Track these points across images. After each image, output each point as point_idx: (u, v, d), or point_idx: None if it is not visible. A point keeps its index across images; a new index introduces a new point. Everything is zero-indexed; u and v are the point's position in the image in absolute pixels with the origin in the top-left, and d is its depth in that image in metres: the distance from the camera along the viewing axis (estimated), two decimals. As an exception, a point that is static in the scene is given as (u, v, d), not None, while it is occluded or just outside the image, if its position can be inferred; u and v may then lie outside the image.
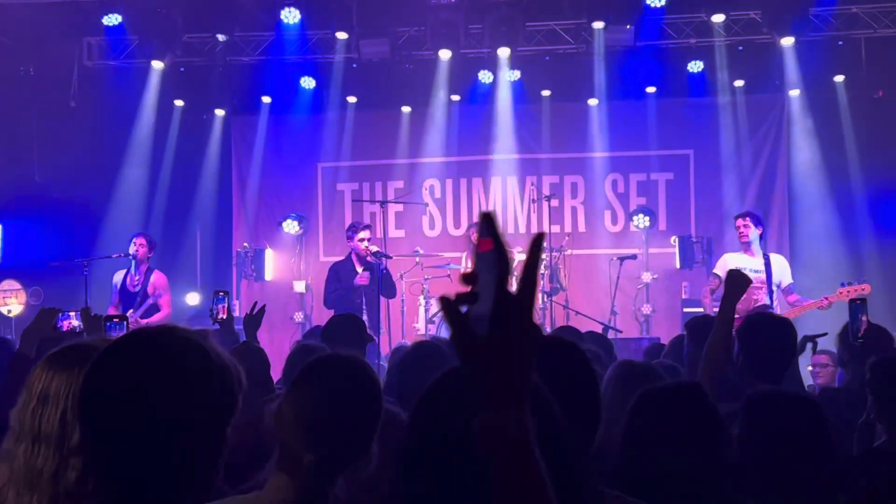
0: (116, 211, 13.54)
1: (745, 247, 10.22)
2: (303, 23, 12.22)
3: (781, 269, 10.22)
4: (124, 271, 11.06)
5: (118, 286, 11.00)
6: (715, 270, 10.39)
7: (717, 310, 5.12)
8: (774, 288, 10.08)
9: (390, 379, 5.33)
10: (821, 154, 13.32)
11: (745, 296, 9.81)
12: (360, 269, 10.97)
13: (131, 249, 10.95)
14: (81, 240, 12.90)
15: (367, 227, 11.28)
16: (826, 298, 9.77)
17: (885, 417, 4.31)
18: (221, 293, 6.97)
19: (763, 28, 12.56)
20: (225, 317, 6.77)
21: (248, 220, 14.30)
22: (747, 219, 10.25)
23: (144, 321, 10.40)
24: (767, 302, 9.91)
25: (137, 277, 10.94)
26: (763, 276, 9.93)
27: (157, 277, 11.03)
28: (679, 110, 13.84)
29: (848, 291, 9.59)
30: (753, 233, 10.17)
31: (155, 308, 10.87)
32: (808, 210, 13.37)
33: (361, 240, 10.96)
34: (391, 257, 11.29)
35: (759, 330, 5.01)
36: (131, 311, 10.51)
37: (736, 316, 4.85)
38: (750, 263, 9.88)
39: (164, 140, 13.85)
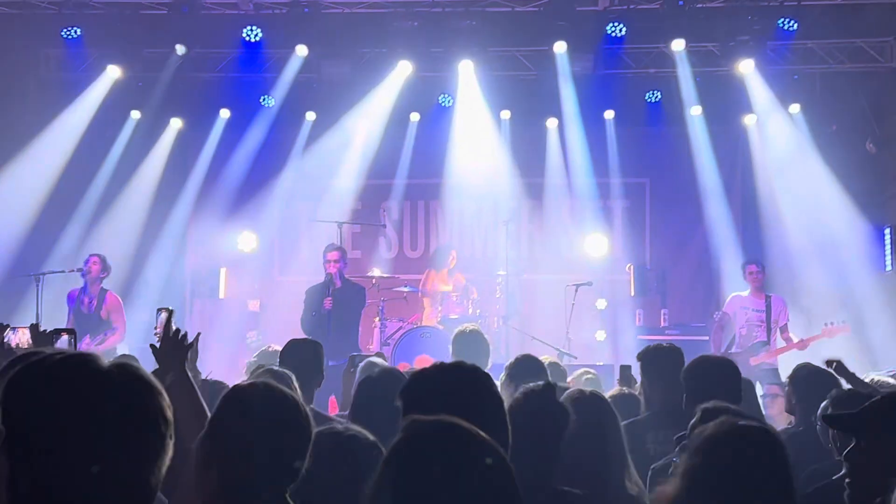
0: (56, 222, 13.19)
1: (756, 289, 11.04)
2: (264, 41, 12.16)
3: (779, 308, 10.99)
4: (78, 289, 10.90)
5: (71, 305, 10.85)
6: (724, 309, 11.28)
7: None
8: (772, 325, 10.88)
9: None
10: (783, 182, 13.35)
11: (745, 332, 10.56)
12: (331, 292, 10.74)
13: (85, 268, 10.82)
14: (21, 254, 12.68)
15: (335, 248, 10.94)
16: (802, 340, 10.63)
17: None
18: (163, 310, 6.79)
19: (720, 60, 12.67)
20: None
21: (203, 236, 14.01)
22: (755, 266, 11.16)
23: (101, 347, 10.21)
24: (765, 339, 10.72)
25: (87, 299, 10.78)
26: (763, 314, 10.82)
27: (110, 299, 10.89)
28: (637, 138, 13.89)
29: (830, 331, 10.35)
30: (763, 277, 11.11)
31: (110, 329, 10.71)
32: (773, 238, 13.38)
33: (328, 262, 10.70)
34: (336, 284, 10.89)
35: (702, 373, 5.06)
36: (87, 337, 10.29)
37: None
38: (752, 303, 10.99)
39: (109, 149, 13.48)
